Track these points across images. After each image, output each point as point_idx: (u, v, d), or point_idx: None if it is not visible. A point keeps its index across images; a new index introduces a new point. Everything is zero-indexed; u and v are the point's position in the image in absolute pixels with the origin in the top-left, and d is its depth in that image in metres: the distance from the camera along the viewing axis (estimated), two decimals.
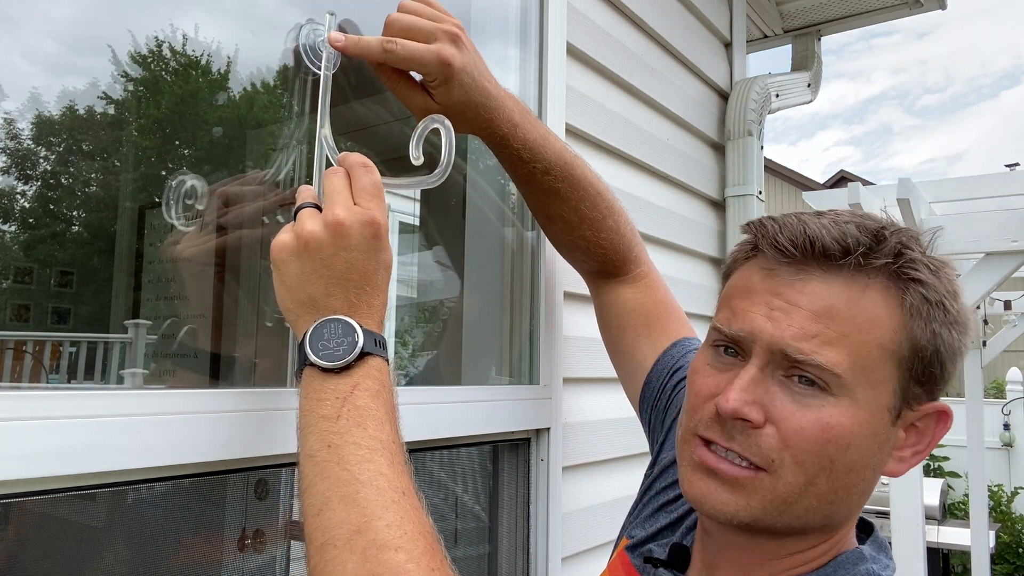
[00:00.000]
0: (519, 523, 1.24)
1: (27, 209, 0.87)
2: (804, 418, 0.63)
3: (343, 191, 0.72)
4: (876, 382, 0.64)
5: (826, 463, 0.63)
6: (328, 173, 0.74)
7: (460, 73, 0.84)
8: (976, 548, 4.48)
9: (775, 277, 0.67)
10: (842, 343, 0.63)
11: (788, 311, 0.65)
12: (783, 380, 0.65)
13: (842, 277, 0.65)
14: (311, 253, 0.69)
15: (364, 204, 0.71)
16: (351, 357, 0.68)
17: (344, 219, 0.69)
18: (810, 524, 0.66)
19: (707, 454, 0.67)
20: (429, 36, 0.83)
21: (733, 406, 0.64)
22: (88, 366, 0.96)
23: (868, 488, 0.68)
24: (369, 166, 0.74)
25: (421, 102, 0.87)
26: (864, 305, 0.64)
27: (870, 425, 0.64)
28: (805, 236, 0.65)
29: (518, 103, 0.95)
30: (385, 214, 0.72)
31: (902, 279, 0.65)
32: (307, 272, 0.69)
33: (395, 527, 0.61)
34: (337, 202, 0.70)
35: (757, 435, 0.64)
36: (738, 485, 0.65)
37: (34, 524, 0.75)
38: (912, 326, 0.65)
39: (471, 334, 1.26)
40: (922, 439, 0.69)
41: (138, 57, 0.87)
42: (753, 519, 0.65)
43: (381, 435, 0.66)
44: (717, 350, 0.70)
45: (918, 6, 2.61)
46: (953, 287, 0.68)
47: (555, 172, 0.98)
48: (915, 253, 0.66)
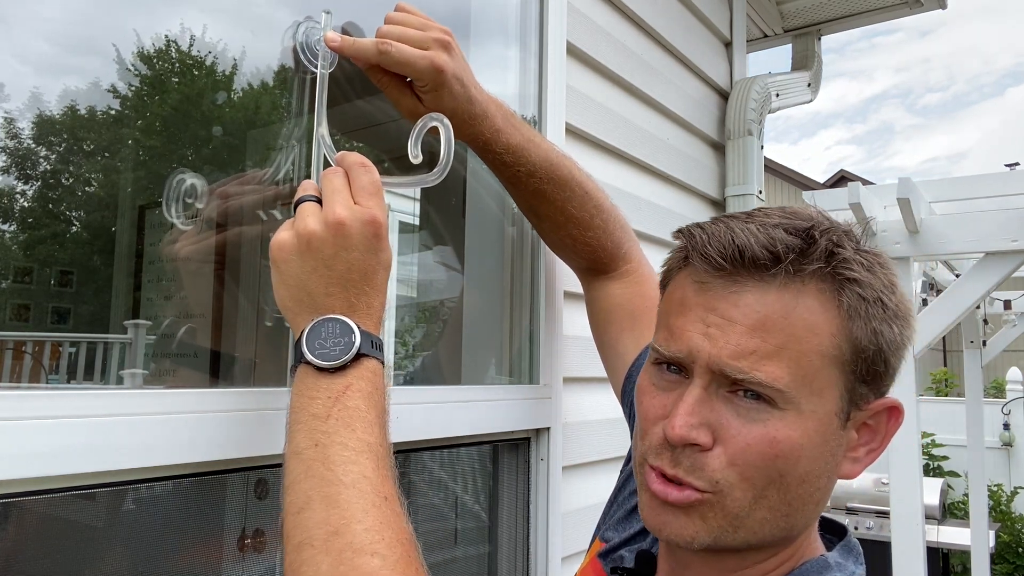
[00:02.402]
0: (519, 523, 1.24)
1: (27, 209, 0.87)
2: (751, 434, 0.62)
3: (343, 190, 0.72)
4: (820, 390, 0.63)
5: (775, 477, 0.63)
6: (327, 172, 0.74)
7: (451, 80, 0.86)
8: (976, 548, 4.48)
9: (708, 291, 0.66)
10: (781, 355, 0.62)
11: (724, 327, 0.63)
12: (728, 396, 0.64)
13: (775, 286, 0.63)
14: (312, 252, 0.69)
15: (364, 203, 0.71)
16: (347, 358, 0.67)
17: (345, 218, 0.69)
18: (768, 538, 0.66)
19: (658, 486, 0.66)
20: (421, 43, 0.85)
21: (680, 432, 0.63)
22: (88, 366, 0.96)
23: (824, 495, 0.67)
24: (368, 165, 0.74)
25: (410, 105, 0.89)
26: (800, 313, 0.63)
27: (819, 434, 0.63)
28: (734, 246, 0.64)
29: (501, 108, 0.96)
30: (385, 213, 0.72)
31: (837, 280, 0.64)
32: (307, 271, 0.69)
33: (373, 532, 0.61)
34: (337, 201, 0.70)
35: (704, 458, 0.63)
36: (691, 508, 0.64)
37: (34, 524, 0.75)
38: (851, 327, 0.63)
39: (471, 334, 1.26)
40: (875, 437, 0.69)
41: (139, 57, 0.87)
42: (712, 540, 0.64)
43: (369, 438, 0.66)
44: (660, 368, 0.69)
45: (918, 6, 2.60)
46: (890, 280, 0.67)
47: (540, 174, 0.99)
48: (847, 252, 0.64)
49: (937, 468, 7.52)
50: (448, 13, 1.39)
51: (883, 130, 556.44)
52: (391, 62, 0.84)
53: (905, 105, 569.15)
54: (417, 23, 0.87)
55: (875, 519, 6.02)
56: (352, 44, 0.84)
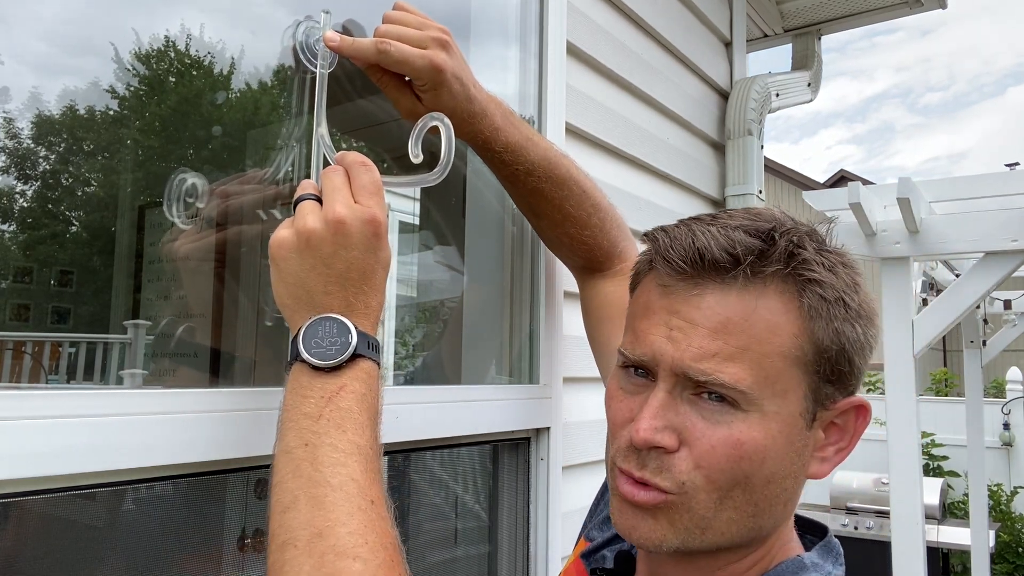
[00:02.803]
0: (519, 522, 1.24)
1: (26, 209, 0.87)
2: (715, 436, 0.63)
3: (343, 189, 0.72)
4: (783, 391, 0.63)
5: (741, 478, 0.63)
6: (327, 171, 0.74)
7: (450, 79, 0.86)
8: (976, 547, 4.49)
9: (671, 294, 0.66)
10: (743, 357, 0.62)
11: (686, 330, 0.64)
12: (692, 399, 0.64)
13: (736, 288, 0.64)
14: (311, 250, 0.69)
15: (364, 202, 0.71)
16: (343, 358, 0.67)
17: (345, 217, 0.69)
18: (736, 539, 0.66)
19: (627, 488, 0.67)
20: (420, 43, 0.85)
21: (644, 436, 0.63)
22: (88, 366, 0.96)
23: (792, 496, 0.67)
24: (368, 164, 0.74)
25: (409, 104, 0.89)
26: (761, 314, 0.63)
27: (784, 435, 0.64)
28: (694, 249, 0.64)
29: (500, 106, 0.96)
30: (385, 212, 0.72)
31: (798, 281, 0.64)
32: (306, 269, 0.69)
33: (357, 535, 0.60)
34: (337, 199, 0.70)
35: (670, 460, 0.64)
36: (658, 511, 0.65)
37: (34, 524, 0.75)
38: (813, 328, 0.64)
39: (471, 333, 1.26)
40: (844, 436, 0.69)
41: (138, 57, 0.87)
42: (680, 543, 0.65)
43: (359, 440, 0.66)
44: (627, 372, 0.70)
45: (918, 5, 2.61)
46: (853, 279, 0.67)
47: (538, 173, 1.00)
48: (808, 252, 0.64)
49: (937, 468, 7.52)
50: (448, 13, 1.39)
51: (884, 130, 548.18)
52: (390, 61, 0.84)
53: (906, 105, 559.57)
54: (415, 22, 0.87)
55: (875, 519, 6.02)
56: (351, 44, 0.84)
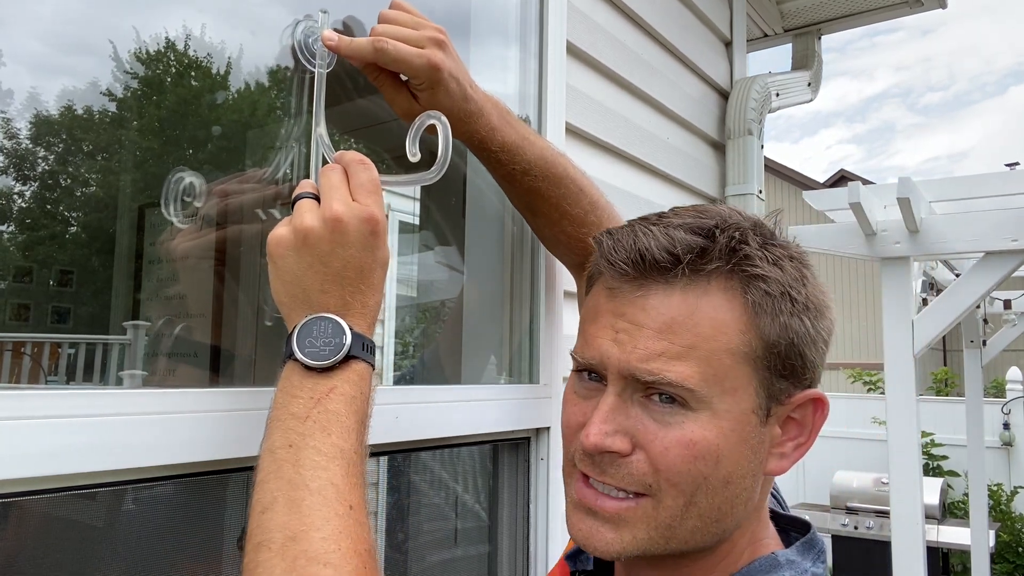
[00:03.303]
0: (519, 522, 1.24)
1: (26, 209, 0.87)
2: (667, 438, 0.62)
3: (341, 187, 0.71)
4: (733, 388, 0.63)
5: (700, 481, 0.62)
6: (325, 169, 0.74)
7: (447, 78, 0.86)
8: (976, 547, 4.49)
9: (617, 297, 0.66)
10: (690, 356, 0.62)
11: (632, 332, 0.64)
12: (643, 401, 0.64)
13: (679, 287, 0.63)
14: (308, 248, 0.68)
15: (362, 200, 0.71)
16: (335, 359, 0.67)
17: (342, 215, 0.69)
18: (699, 545, 0.66)
19: (586, 491, 0.66)
20: (417, 42, 0.84)
21: (594, 440, 0.63)
22: (87, 367, 0.96)
23: (752, 495, 0.67)
24: (366, 163, 0.74)
25: (406, 104, 0.89)
26: (705, 312, 0.63)
27: (737, 433, 0.63)
28: (635, 250, 0.64)
29: (497, 106, 0.96)
30: (383, 211, 0.72)
31: (740, 277, 0.64)
32: (303, 267, 0.69)
33: (330, 541, 0.60)
34: (335, 197, 0.70)
35: (627, 463, 0.64)
36: (621, 520, 0.64)
37: (34, 524, 0.75)
38: (759, 323, 0.63)
39: (471, 333, 1.26)
40: (803, 430, 0.68)
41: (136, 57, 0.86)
42: (640, 551, 0.64)
43: (344, 444, 0.65)
44: (581, 376, 0.70)
45: (918, 5, 2.61)
46: (800, 272, 0.66)
47: (535, 172, 0.99)
48: (750, 248, 0.64)
49: (937, 468, 7.52)
50: (448, 13, 1.38)
51: (884, 129, 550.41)
52: (387, 60, 0.83)
53: (906, 104, 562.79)
54: (412, 21, 0.87)
55: (875, 519, 6.02)
56: (349, 43, 0.83)
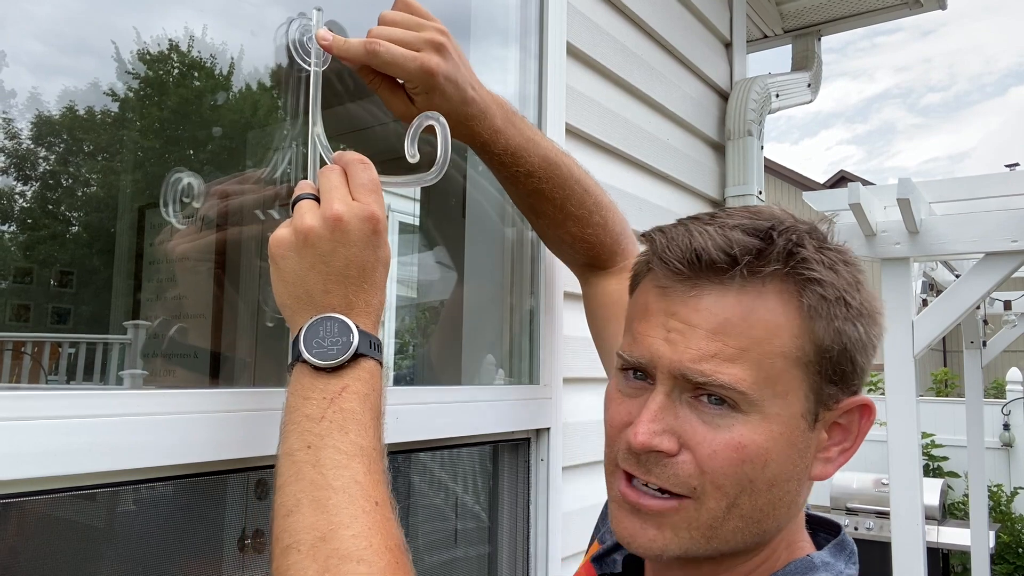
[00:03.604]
0: (519, 523, 1.24)
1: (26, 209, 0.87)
2: (716, 441, 0.62)
3: (341, 186, 0.71)
4: (784, 392, 0.62)
5: (745, 483, 0.62)
6: (325, 170, 0.74)
7: (442, 83, 0.85)
8: (976, 548, 4.48)
9: (669, 296, 0.65)
10: (743, 358, 0.61)
11: (685, 332, 0.63)
12: (692, 402, 0.63)
13: (734, 288, 0.62)
14: (309, 248, 0.68)
15: (363, 199, 0.71)
16: (344, 357, 0.67)
17: (342, 214, 0.68)
18: (740, 546, 0.65)
19: (629, 490, 0.66)
20: (413, 44, 0.83)
21: (642, 440, 0.62)
22: (87, 367, 0.96)
23: (796, 498, 0.66)
24: (366, 162, 0.74)
25: (401, 107, 0.88)
26: (760, 315, 0.62)
27: (785, 437, 0.63)
28: (691, 250, 0.63)
29: (503, 107, 0.95)
30: (383, 209, 0.72)
31: (797, 281, 0.63)
32: (305, 268, 0.69)
33: (361, 538, 0.60)
34: (335, 197, 0.70)
35: (673, 464, 0.63)
36: (663, 519, 0.64)
37: (34, 524, 0.75)
38: (813, 327, 0.63)
39: (471, 334, 1.26)
40: (848, 436, 0.67)
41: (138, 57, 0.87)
42: (683, 551, 0.64)
43: (362, 441, 0.65)
44: (626, 374, 0.69)
45: (918, 6, 2.61)
46: (855, 278, 0.66)
47: (539, 174, 0.98)
48: (807, 251, 0.63)
49: (937, 468, 7.52)
50: (448, 13, 1.39)
51: (884, 130, 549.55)
52: (380, 63, 0.83)
53: (906, 105, 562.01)
54: (412, 23, 0.86)
55: (875, 519, 6.02)
56: (342, 43, 0.83)
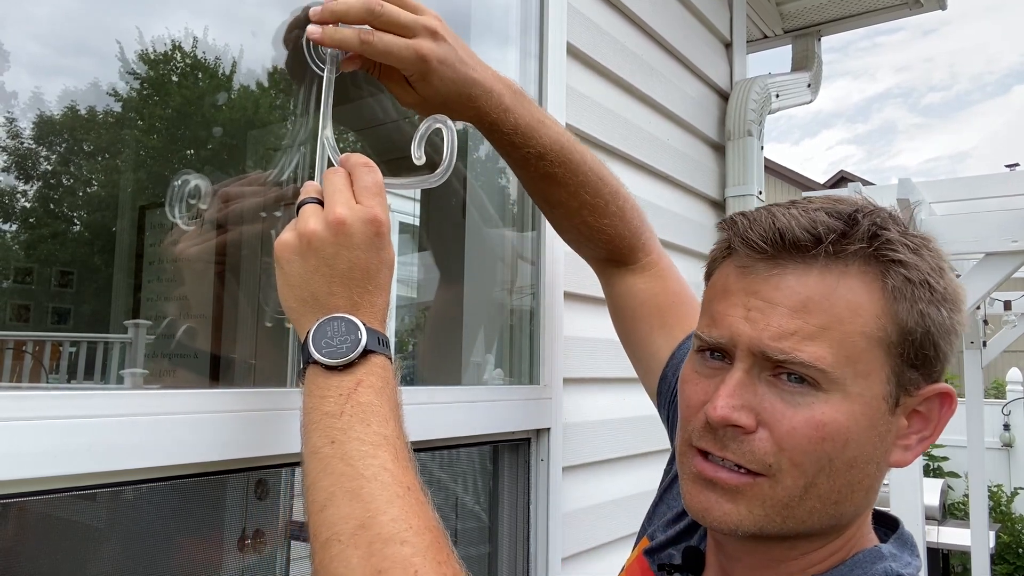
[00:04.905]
0: (519, 523, 1.24)
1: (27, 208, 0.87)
2: (796, 418, 0.61)
3: (344, 190, 0.72)
4: (866, 372, 0.62)
5: (824, 463, 0.62)
6: (328, 172, 0.74)
7: (438, 67, 0.84)
8: (976, 548, 4.48)
9: (750, 275, 0.66)
10: (823, 336, 0.61)
11: (765, 310, 0.63)
12: (771, 380, 0.63)
13: (817, 267, 0.63)
14: (314, 251, 0.69)
15: (366, 202, 0.71)
16: (354, 354, 0.67)
17: (346, 217, 0.69)
18: (816, 527, 0.65)
19: (704, 465, 0.66)
20: (407, 30, 0.82)
21: (721, 413, 0.62)
22: (88, 366, 0.96)
23: (874, 483, 0.66)
24: (371, 165, 0.74)
25: (403, 95, 0.88)
26: (842, 294, 0.62)
27: (867, 418, 0.62)
28: (775, 229, 0.64)
29: (510, 87, 0.93)
30: (387, 212, 0.72)
31: (881, 262, 0.63)
32: (310, 271, 0.69)
33: (400, 521, 0.60)
34: (338, 200, 0.70)
35: (750, 440, 0.63)
36: (738, 493, 0.64)
37: (34, 524, 0.75)
38: (896, 309, 0.62)
39: (471, 334, 1.26)
40: (927, 424, 0.67)
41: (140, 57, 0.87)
42: (757, 528, 0.64)
43: (385, 431, 0.65)
44: (703, 355, 0.69)
45: (918, 6, 2.61)
46: (938, 263, 0.66)
47: (551, 157, 0.95)
48: (892, 233, 0.63)
49: (937, 468, 7.52)
50: (448, 13, 1.39)
51: (885, 130, 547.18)
52: (374, 52, 0.82)
53: (907, 105, 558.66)
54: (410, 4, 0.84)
55: None
56: (333, 33, 0.81)
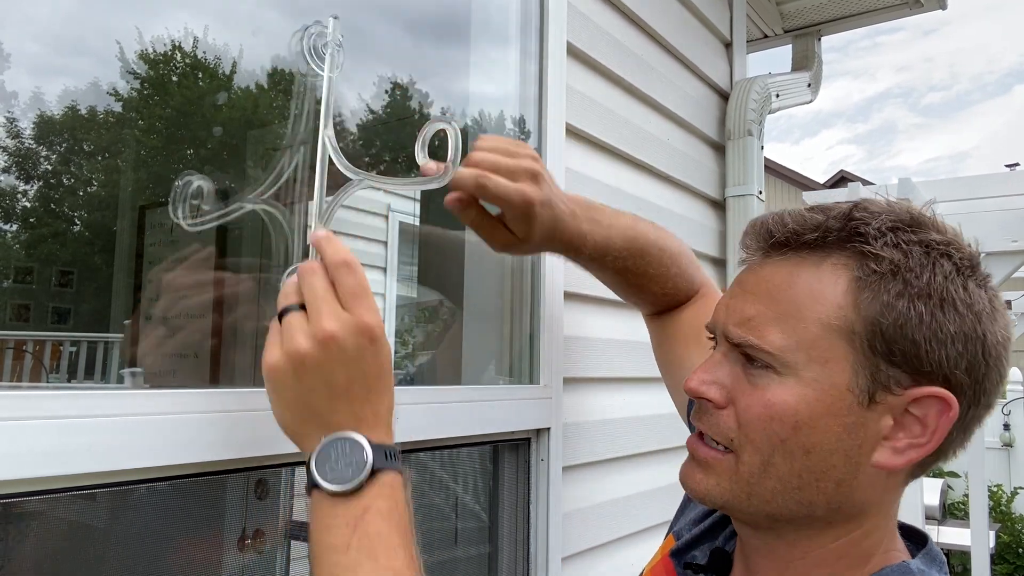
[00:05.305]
0: (519, 523, 1.24)
1: (28, 208, 0.87)
2: (752, 397, 0.66)
3: (328, 297, 0.67)
4: (823, 359, 0.63)
5: (776, 442, 0.65)
6: (306, 273, 0.68)
7: (539, 210, 0.88)
8: (976, 548, 4.48)
9: (744, 271, 0.73)
10: (779, 322, 0.65)
11: (738, 297, 0.70)
12: (744, 363, 0.68)
13: (793, 260, 0.68)
14: (307, 371, 0.65)
15: (353, 309, 0.67)
16: (361, 478, 0.64)
17: (336, 331, 0.65)
18: (785, 511, 0.66)
19: (692, 439, 0.73)
20: (512, 174, 0.86)
21: (691, 385, 0.70)
22: (88, 366, 0.96)
23: (845, 476, 0.65)
24: (350, 264, 0.68)
25: (501, 236, 0.91)
26: (805, 281, 0.66)
27: (824, 404, 0.63)
28: (766, 228, 0.70)
29: (581, 205, 0.97)
30: (377, 314, 0.68)
31: (853, 254, 0.65)
32: (306, 392, 0.66)
33: None
34: (324, 312, 0.66)
35: (719, 415, 0.69)
36: (708, 466, 0.70)
37: (34, 524, 0.75)
38: (858, 299, 0.63)
39: (471, 334, 1.26)
40: (925, 430, 0.64)
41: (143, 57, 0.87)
42: (723, 501, 0.69)
43: (394, 563, 0.63)
44: (711, 343, 0.76)
45: (918, 6, 2.60)
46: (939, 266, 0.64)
47: (623, 255, 1.01)
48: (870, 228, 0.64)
49: (937, 468, 7.52)
50: (448, 13, 1.39)
51: (885, 129, 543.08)
52: (488, 194, 0.85)
53: (908, 104, 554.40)
54: (507, 150, 0.88)
55: None
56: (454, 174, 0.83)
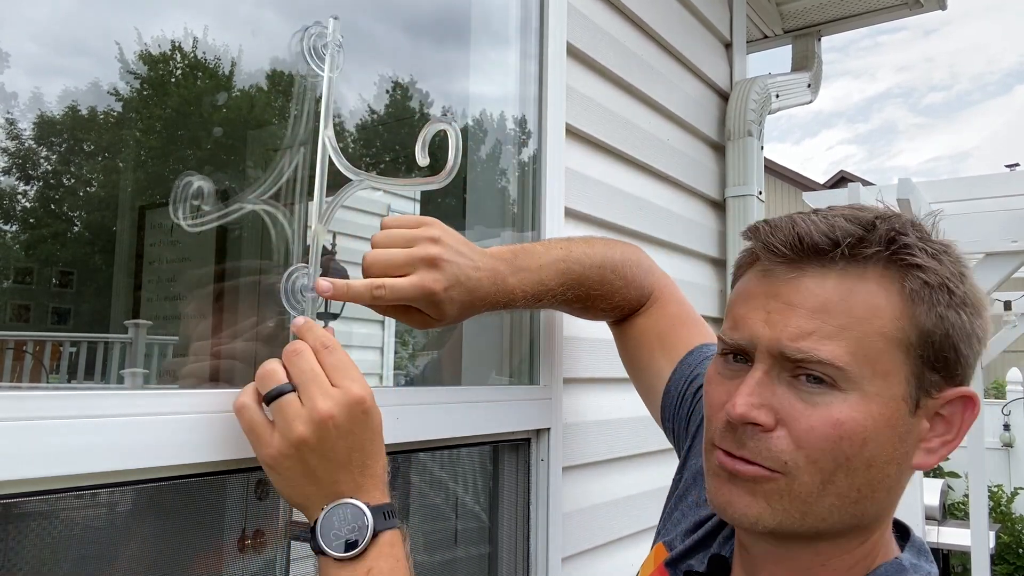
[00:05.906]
0: (519, 523, 1.24)
1: (28, 209, 0.87)
2: (813, 417, 0.63)
3: (318, 376, 0.71)
4: (884, 372, 0.63)
5: (842, 460, 0.63)
6: (291, 354, 0.72)
7: (443, 297, 0.85)
8: (976, 548, 4.48)
9: (771, 279, 0.68)
10: (841, 336, 0.63)
11: (784, 312, 0.65)
12: (791, 381, 0.65)
13: (835, 271, 0.65)
14: (307, 451, 0.69)
15: (342, 384, 0.71)
16: (364, 542, 0.69)
17: (330, 411, 0.69)
18: (838, 525, 0.66)
19: (725, 458, 0.67)
20: (407, 268, 0.84)
21: (740, 411, 0.64)
22: (88, 366, 0.96)
23: (896, 484, 0.67)
24: (330, 346, 0.73)
25: (419, 320, 0.89)
26: (861, 295, 0.64)
27: (885, 417, 0.63)
28: (794, 234, 0.66)
29: (505, 260, 0.94)
30: (365, 384, 0.72)
31: (899, 266, 0.64)
32: (307, 470, 0.70)
33: None
34: (315, 393, 0.70)
35: (768, 438, 0.64)
36: (757, 486, 0.65)
37: (34, 524, 0.75)
38: (915, 311, 0.64)
39: (472, 335, 1.26)
40: (951, 428, 0.67)
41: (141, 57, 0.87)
42: (776, 524, 0.65)
43: None
44: (727, 358, 0.71)
45: (918, 6, 2.61)
46: (959, 269, 0.67)
47: (559, 291, 1.00)
48: (909, 239, 0.65)
49: (937, 468, 7.52)
50: (448, 14, 1.39)
51: (886, 130, 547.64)
52: (386, 303, 0.84)
53: (908, 104, 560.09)
54: (401, 239, 0.85)
55: None
56: (346, 291, 0.82)
